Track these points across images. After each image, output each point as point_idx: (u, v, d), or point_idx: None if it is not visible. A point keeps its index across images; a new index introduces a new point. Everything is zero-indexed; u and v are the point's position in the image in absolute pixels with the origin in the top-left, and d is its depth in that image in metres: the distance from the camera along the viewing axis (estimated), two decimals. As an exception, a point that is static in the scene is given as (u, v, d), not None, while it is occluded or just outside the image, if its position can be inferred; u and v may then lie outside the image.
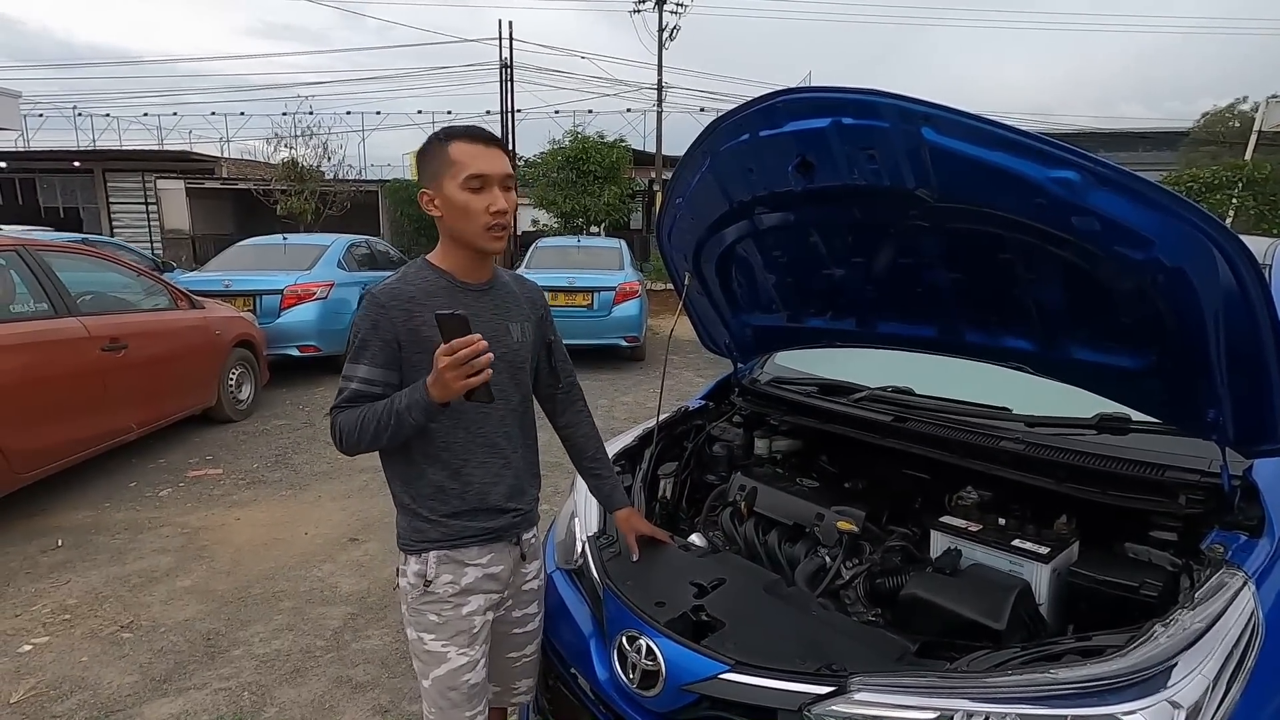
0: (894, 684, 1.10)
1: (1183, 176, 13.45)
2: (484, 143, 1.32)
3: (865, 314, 1.89)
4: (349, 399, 1.33)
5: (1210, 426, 1.37)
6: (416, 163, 1.39)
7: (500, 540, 1.44)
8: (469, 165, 1.29)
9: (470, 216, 1.31)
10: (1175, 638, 1.07)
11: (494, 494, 1.41)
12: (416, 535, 1.39)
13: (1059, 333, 1.51)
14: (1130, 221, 1.16)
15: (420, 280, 1.36)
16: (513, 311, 1.46)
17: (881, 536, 1.71)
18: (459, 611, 1.39)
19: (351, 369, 1.33)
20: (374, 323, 1.32)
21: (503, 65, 18.10)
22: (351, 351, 1.34)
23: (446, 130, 1.35)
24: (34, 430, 3.58)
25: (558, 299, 7.57)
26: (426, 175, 1.34)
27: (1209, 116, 22.43)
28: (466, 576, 1.40)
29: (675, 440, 2.22)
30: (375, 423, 1.29)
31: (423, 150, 1.37)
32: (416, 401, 1.26)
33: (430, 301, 1.33)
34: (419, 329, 1.31)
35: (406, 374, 1.34)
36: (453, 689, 1.39)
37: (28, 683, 2.42)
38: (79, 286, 4.18)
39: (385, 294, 1.33)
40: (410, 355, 1.33)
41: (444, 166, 1.31)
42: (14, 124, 9.82)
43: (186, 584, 3.10)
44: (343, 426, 1.32)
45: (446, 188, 1.31)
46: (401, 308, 1.32)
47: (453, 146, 1.31)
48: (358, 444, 1.31)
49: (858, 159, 1.39)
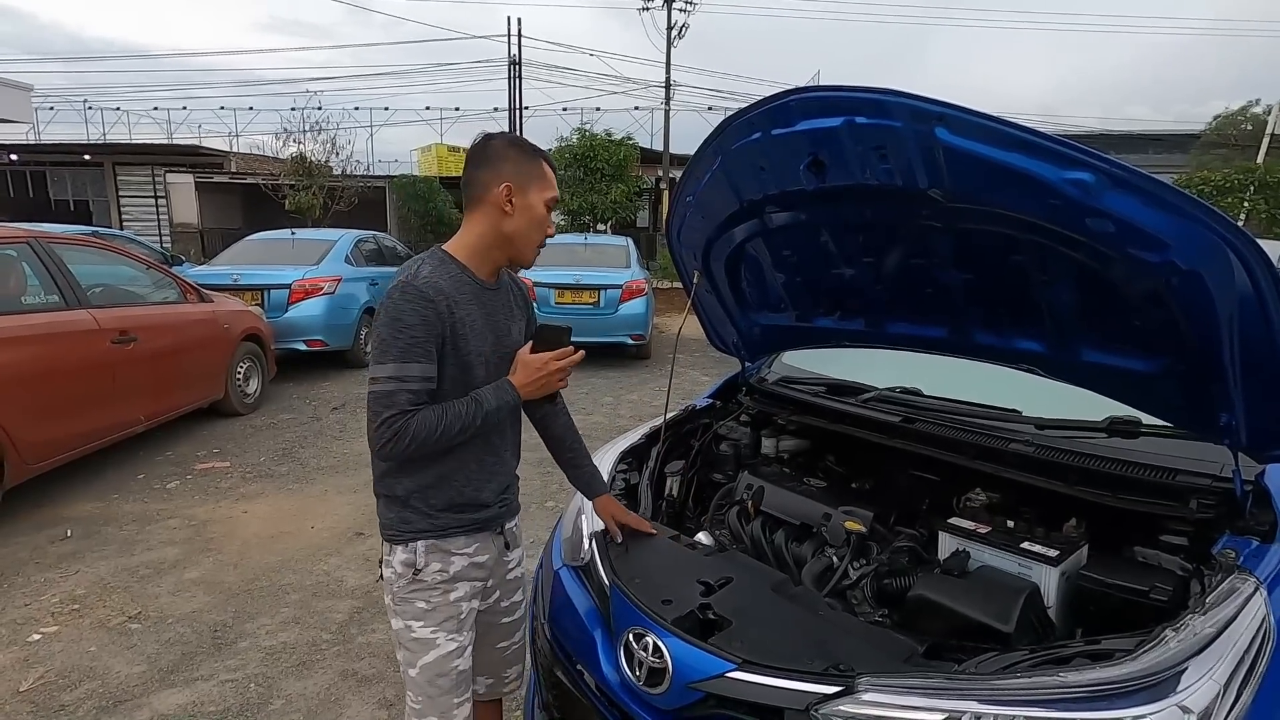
0: (902, 685, 1.10)
1: (1194, 179, 13.35)
2: (556, 175, 1.44)
3: (875, 314, 1.88)
4: (414, 401, 1.26)
5: (1223, 431, 1.36)
6: (485, 156, 1.35)
7: (485, 530, 1.46)
8: (554, 189, 1.41)
9: (539, 230, 1.40)
10: (1186, 642, 1.06)
11: (487, 490, 1.44)
12: (404, 526, 1.39)
13: (1070, 335, 1.50)
14: (1145, 224, 1.15)
15: (449, 275, 1.34)
16: (514, 312, 1.50)
17: (889, 537, 1.71)
18: (447, 598, 1.41)
19: (403, 369, 1.25)
20: (423, 318, 1.26)
21: (511, 62, 18.10)
22: (396, 349, 1.25)
23: (531, 145, 1.40)
24: (44, 421, 3.60)
25: (564, 296, 7.58)
26: (511, 171, 1.34)
27: (1220, 119, 22.23)
28: (454, 565, 1.42)
29: (682, 439, 2.22)
30: (460, 424, 1.29)
31: (495, 148, 1.37)
32: (506, 403, 1.36)
33: (460, 296, 1.33)
34: (456, 325, 1.31)
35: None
36: (441, 675, 1.41)
37: (37, 671, 2.44)
38: (89, 279, 4.21)
39: (430, 288, 1.28)
40: (446, 350, 1.32)
41: (537, 177, 1.37)
42: (25, 117, 9.87)
43: (194, 576, 3.12)
44: (417, 431, 1.25)
45: (533, 196, 1.36)
46: (447, 302, 1.30)
47: (545, 166, 1.39)
48: (433, 447, 1.29)
49: (870, 159, 1.38)
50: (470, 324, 1.34)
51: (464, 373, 1.35)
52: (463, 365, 1.35)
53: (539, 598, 1.77)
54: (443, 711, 1.42)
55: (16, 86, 9.28)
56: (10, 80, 9.24)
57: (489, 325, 1.40)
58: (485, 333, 1.38)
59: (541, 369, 1.38)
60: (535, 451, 1.79)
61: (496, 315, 1.42)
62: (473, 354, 1.35)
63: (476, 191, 1.36)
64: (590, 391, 6.77)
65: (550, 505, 3.94)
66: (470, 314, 1.35)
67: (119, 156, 20.88)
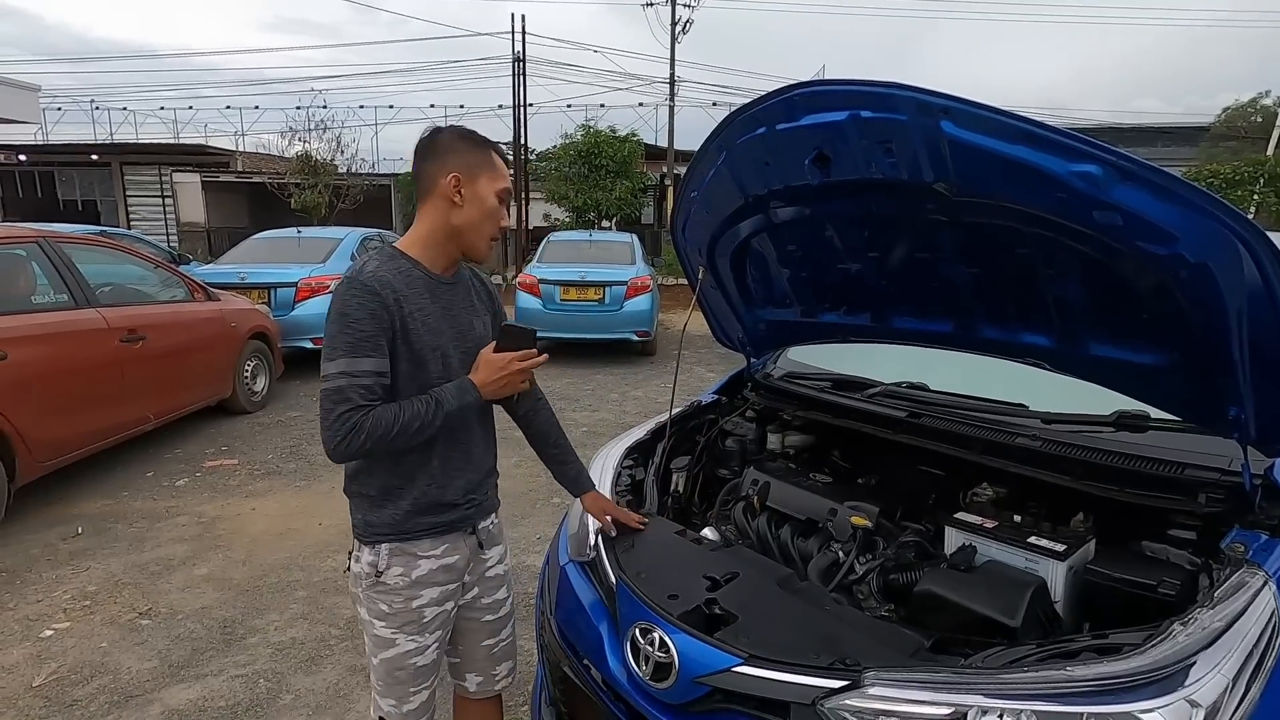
0: (908, 679, 1.10)
1: (1203, 172, 13.26)
2: (508, 167, 1.42)
3: (880, 309, 1.88)
4: (367, 396, 1.24)
5: (1232, 424, 1.35)
6: (433, 148, 1.34)
7: (454, 531, 1.44)
8: (505, 180, 1.39)
9: (491, 222, 1.38)
10: (1194, 636, 1.06)
11: (452, 489, 1.42)
12: (369, 528, 1.40)
13: (1078, 329, 1.49)
14: (1154, 217, 1.14)
15: (397, 269, 1.33)
16: (476, 306, 1.48)
17: (895, 532, 1.71)
18: (409, 604, 1.40)
19: (354, 364, 1.24)
20: (371, 312, 1.25)
21: (515, 59, 18.08)
22: (345, 344, 1.24)
23: (480, 136, 1.39)
24: (54, 420, 3.63)
25: (569, 293, 7.58)
26: (458, 163, 1.33)
27: (1230, 111, 22.05)
28: (419, 569, 1.40)
29: (688, 434, 2.22)
30: (419, 422, 1.27)
31: (443, 139, 1.35)
32: (468, 403, 1.34)
33: (410, 291, 1.32)
34: (406, 320, 1.30)
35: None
36: (399, 669, 1.43)
37: (49, 667, 2.46)
38: (98, 278, 4.24)
39: (376, 281, 1.27)
40: (397, 345, 1.30)
41: (486, 167, 1.35)
42: (33, 117, 9.91)
43: (203, 572, 3.15)
44: (372, 429, 1.23)
45: (483, 187, 1.34)
46: (394, 295, 1.28)
47: (495, 157, 1.38)
48: (389, 445, 1.27)
49: (875, 152, 1.38)
50: (422, 318, 1.32)
51: (418, 368, 1.33)
52: (416, 360, 1.33)
53: (545, 593, 1.77)
54: (399, 697, 1.45)
55: (24, 87, 9.33)
56: (18, 81, 9.29)
57: (447, 320, 1.38)
58: (442, 327, 1.36)
59: (504, 369, 1.36)
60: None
61: (455, 309, 1.40)
62: (426, 349, 1.33)
63: (425, 185, 1.35)
64: (596, 388, 6.78)
65: (556, 501, 3.95)
66: (422, 308, 1.33)
67: (126, 156, 21.00)
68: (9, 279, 3.68)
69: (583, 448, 4.93)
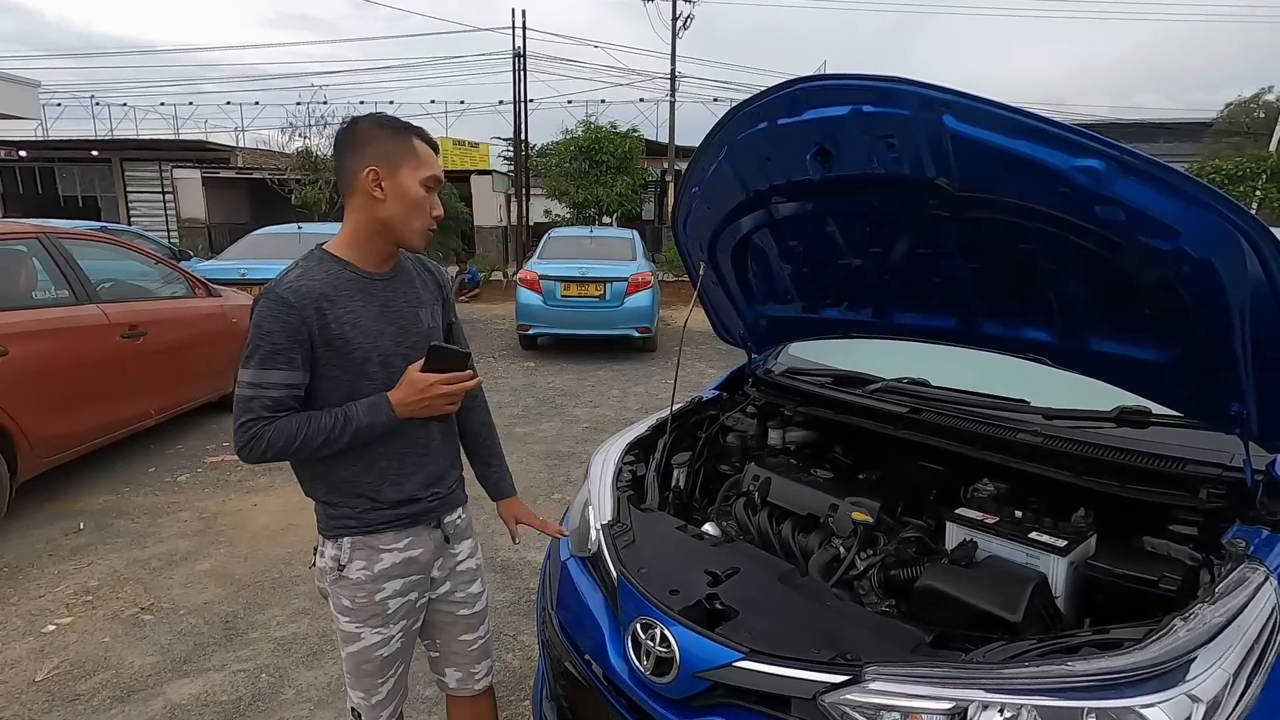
0: (909, 674, 1.10)
1: (1206, 167, 13.22)
2: (435, 150, 1.34)
3: (882, 304, 1.88)
4: (272, 408, 1.24)
5: (1233, 420, 1.35)
6: (349, 140, 1.30)
7: (417, 525, 1.43)
8: (431, 167, 1.31)
9: (420, 214, 1.31)
10: (1195, 631, 1.06)
11: (410, 484, 1.40)
12: (330, 522, 1.39)
13: (1079, 324, 1.49)
14: (1156, 211, 1.14)
15: (324, 274, 1.29)
16: (422, 297, 1.43)
17: (896, 528, 1.71)
18: (372, 597, 1.40)
19: (262, 375, 1.23)
20: (284, 324, 1.23)
21: (516, 55, 18.04)
22: (257, 356, 1.24)
23: (400, 121, 1.31)
24: (56, 416, 3.64)
25: (570, 289, 7.58)
26: (375, 155, 1.26)
27: (1233, 107, 21.99)
28: (381, 562, 1.39)
29: (689, 430, 2.22)
30: (323, 437, 1.25)
31: (360, 130, 1.29)
32: (381, 422, 1.28)
33: (338, 296, 1.28)
34: (329, 327, 1.26)
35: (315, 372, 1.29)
36: (366, 662, 1.44)
37: (52, 662, 2.47)
38: (99, 274, 4.23)
39: (291, 292, 1.24)
40: (319, 354, 1.28)
41: (407, 156, 1.28)
42: (33, 113, 9.90)
43: (205, 568, 3.15)
44: (271, 439, 1.23)
45: (405, 178, 1.27)
46: (313, 305, 1.25)
47: (417, 143, 1.30)
48: (291, 456, 1.27)
49: (877, 147, 1.37)
50: (352, 321, 1.29)
51: (352, 374, 1.30)
52: (350, 366, 1.29)
53: (546, 588, 1.78)
54: (368, 690, 1.47)
55: (24, 83, 9.32)
56: (18, 77, 9.27)
57: (385, 318, 1.34)
58: (379, 328, 1.33)
59: (425, 391, 1.28)
60: (541, 444, 1.81)
61: (395, 305, 1.36)
62: (360, 352, 1.30)
63: (347, 180, 1.30)
64: (597, 384, 6.78)
65: (557, 497, 3.96)
66: (352, 311, 1.29)
67: (126, 152, 20.97)
68: (10, 275, 3.68)
69: (584, 443, 4.95)
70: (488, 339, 9.25)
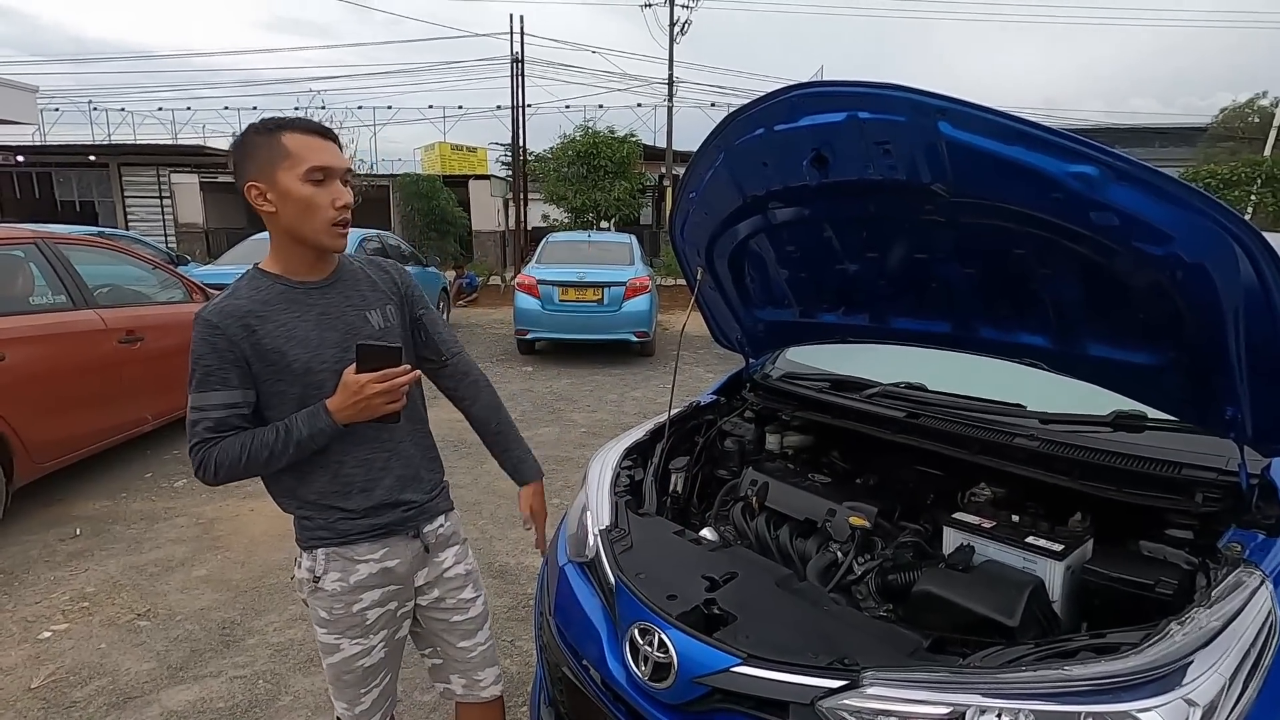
0: (907, 679, 1.10)
1: (1200, 172, 13.29)
2: (320, 135, 1.25)
3: (879, 309, 1.88)
4: (213, 430, 1.24)
5: (1228, 424, 1.36)
6: (234, 158, 1.28)
7: (393, 535, 1.40)
8: (310, 157, 1.21)
9: (314, 211, 1.23)
10: (1191, 635, 1.06)
11: (379, 489, 1.37)
12: (305, 533, 1.38)
13: (1075, 329, 1.50)
14: (1150, 217, 1.15)
15: (252, 291, 1.27)
16: (369, 299, 1.38)
17: (894, 532, 1.71)
18: (350, 609, 1.38)
19: (202, 398, 1.24)
20: (212, 346, 1.23)
21: (513, 60, 18.09)
22: (195, 380, 1.24)
23: (272, 120, 1.24)
24: (52, 421, 3.63)
25: (568, 294, 7.59)
26: (252, 168, 1.22)
27: (1227, 112, 22.10)
28: (357, 573, 1.37)
29: (687, 435, 2.22)
30: (267, 452, 1.24)
31: (241, 142, 1.24)
32: (321, 430, 1.25)
33: (268, 311, 1.26)
34: (261, 342, 1.25)
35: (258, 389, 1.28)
36: (347, 673, 1.42)
37: (47, 669, 2.46)
38: (96, 279, 4.23)
39: (215, 313, 1.24)
40: (258, 370, 1.26)
41: (277, 157, 1.21)
42: (31, 118, 9.91)
43: (202, 573, 3.14)
44: (218, 460, 1.23)
45: (283, 180, 1.21)
46: (239, 324, 1.24)
47: (286, 137, 1.21)
48: (241, 475, 1.26)
49: (873, 153, 1.38)
50: (287, 334, 1.26)
51: (298, 386, 1.28)
52: (293, 378, 1.27)
53: (544, 594, 1.77)
54: (350, 700, 1.45)
55: (22, 88, 9.32)
56: (15, 82, 9.28)
57: (325, 324, 1.30)
58: (320, 335, 1.29)
59: (359, 393, 1.22)
60: (539, 449, 1.81)
61: (335, 310, 1.32)
62: (296, 363, 1.27)
63: (248, 201, 1.25)
64: (594, 389, 6.78)
65: (555, 502, 3.94)
66: (286, 324, 1.27)
67: (124, 157, 20.97)
68: (7, 280, 3.67)
69: (582, 448, 4.94)
70: (486, 343, 9.25)
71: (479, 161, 23.41)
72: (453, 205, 18.36)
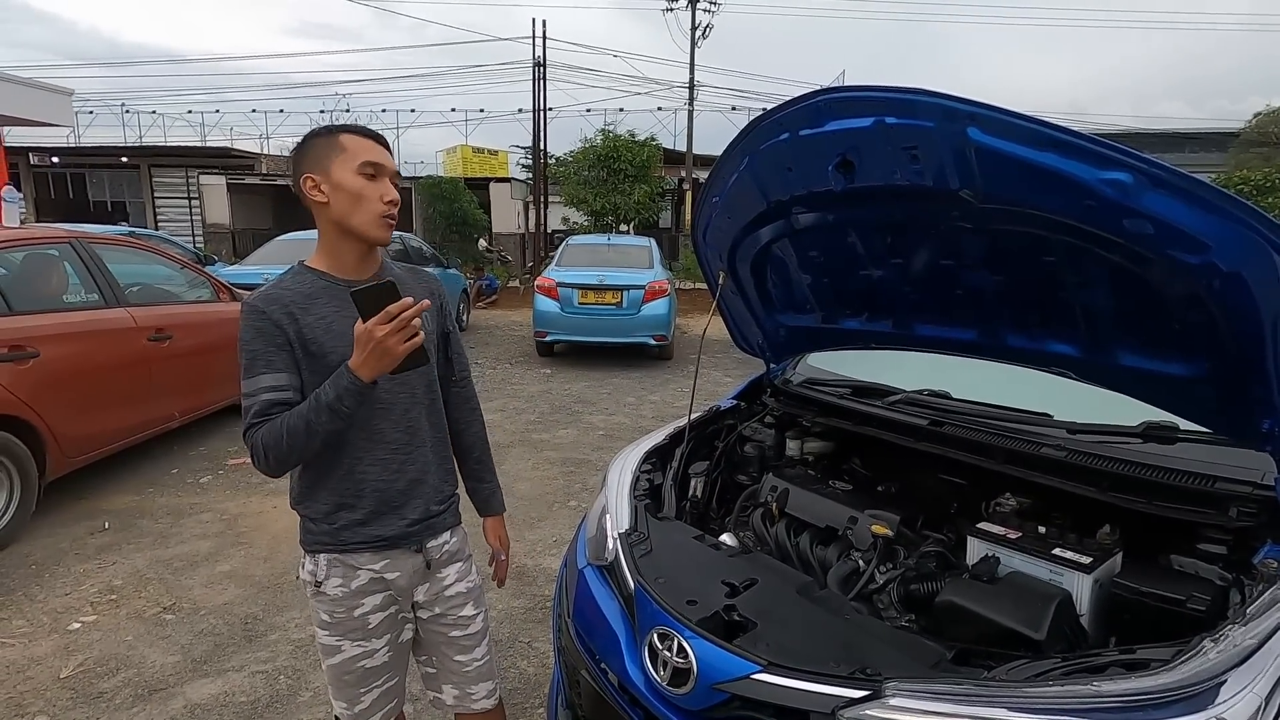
0: (930, 690, 1.09)
1: (1233, 178, 13.00)
2: (374, 139, 1.32)
3: (903, 316, 1.86)
4: (261, 413, 1.24)
5: (1265, 437, 1.32)
6: (293, 158, 1.35)
7: (395, 549, 1.40)
8: (363, 154, 1.28)
9: (364, 203, 1.28)
10: (1225, 653, 1.04)
11: (392, 491, 1.37)
12: (308, 536, 1.39)
13: (1105, 338, 1.47)
14: (1185, 225, 1.13)
15: (296, 284, 1.31)
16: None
17: (916, 541, 1.69)
18: (351, 613, 1.38)
19: (251, 384, 1.25)
20: (258, 330, 1.26)
21: (535, 64, 18.21)
22: (244, 366, 1.26)
23: (332, 125, 1.32)
24: (83, 417, 3.71)
25: (587, 297, 7.61)
26: (309, 161, 1.29)
27: (1260, 116, 21.60)
28: (358, 579, 1.38)
29: (706, 439, 2.21)
30: (304, 424, 1.21)
31: (301, 144, 1.32)
32: (346, 389, 1.19)
33: (310, 304, 1.29)
34: (303, 332, 1.27)
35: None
36: (347, 674, 1.42)
37: (76, 659, 2.51)
38: (127, 278, 4.32)
39: (261, 299, 1.27)
40: (301, 358, 1.28)
41: (335, 152, 1.28)
42: (67, 120, 10.14)
43: (226, 569, 3.19)
44: (265, 442, 1.23)
45: (337, 172, 1.27)
46: (283, 310, 1.27)
47: (343, 137, 1.29)
48: (288, 456, 1.24)
49: (900, 159, 1.37)
50: (325, 327, 1.29)
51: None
52: (330, 372, 1.25)
53: (563, 596, 1.78)
54: (350, 700, 1.45)
55: (58, 91, 9.56)
56: (53, 85, 9.51)
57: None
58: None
59: (369, 339, 1.16)
60: (558, 451, 1.81)
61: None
62: (333, 355, 1.27)
63: (302, 198, 1.31)
64: (613, 392, 6.78)
65: (573, 505, 3.96)
66: (325, 317, 1.29)
67: (154, 158, 21.45)
68: (43, 278, 3.77)
69: (600, 450, 4.95)
70: (505, 345, 9.31)
71: (500, 164, 23.60)
72: (474, 207, 18.51)
